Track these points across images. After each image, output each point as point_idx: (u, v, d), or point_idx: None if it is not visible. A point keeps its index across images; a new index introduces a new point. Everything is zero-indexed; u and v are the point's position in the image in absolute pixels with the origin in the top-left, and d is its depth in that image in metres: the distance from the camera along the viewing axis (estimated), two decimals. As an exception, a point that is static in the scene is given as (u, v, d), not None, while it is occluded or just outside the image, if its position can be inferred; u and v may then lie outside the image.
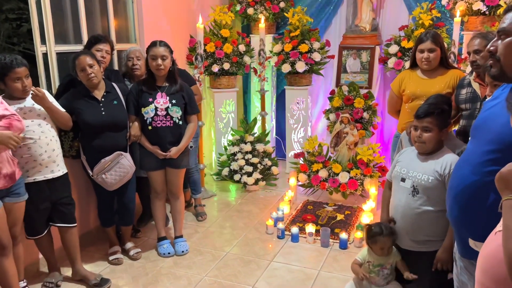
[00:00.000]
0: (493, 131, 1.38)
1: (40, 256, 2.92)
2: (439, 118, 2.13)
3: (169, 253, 3.16)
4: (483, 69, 2.27)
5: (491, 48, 1.35)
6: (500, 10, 3.68)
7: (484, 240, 1.17)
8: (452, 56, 3.60)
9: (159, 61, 2.89)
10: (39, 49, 3.06)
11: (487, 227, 1.19)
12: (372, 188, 3.81)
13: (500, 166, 1.14)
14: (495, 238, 1.08)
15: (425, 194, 2.12)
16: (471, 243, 1.45)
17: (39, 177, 2.54)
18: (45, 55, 3.10)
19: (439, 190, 2.08)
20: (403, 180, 2.20)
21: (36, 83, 2.86)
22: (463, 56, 3.79)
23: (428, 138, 2.13)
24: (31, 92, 2.47)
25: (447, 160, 2.09)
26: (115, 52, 3.42)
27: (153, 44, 2.94)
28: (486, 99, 1.65)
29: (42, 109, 2.56)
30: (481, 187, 1.40)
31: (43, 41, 3.08)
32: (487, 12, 3.83)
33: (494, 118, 1.39)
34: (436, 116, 2.12)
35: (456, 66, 3.27)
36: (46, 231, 2.71)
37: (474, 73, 2.49)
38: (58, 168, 2.62)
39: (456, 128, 2.68)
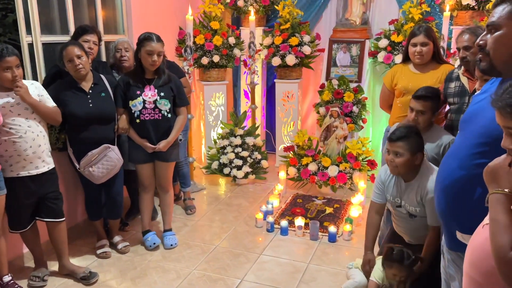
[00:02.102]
0: (481, 124, 1.39)
1: (25, 250, 2.88)
2: (411, 142, 2.13)
3: (154, 243, 3.14)
4: (473, 63, 2.28)
5: (481, 42, 1.35)
6: (489, 5, 3.70)
7: (472, 233, 1.18)
8: (441, 50, 3.60)
9: (155, 57, 2.83)
10: (25, 40, 3.00)
11: (474, 220, 1.19)
12: (361, 182, 3.83)
13: (487, 159, 1.14)
14: (482, 231, 1.09)
15: (420, 215, 2.21)
16: (459, 235, 1.46)
17: (23, 173, 2.49)
18: (30, 46, 3.04)
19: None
20: (398, 206, 2.29)
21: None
22: (452, 51, 3.81)
23: (400, 163, 2.15)
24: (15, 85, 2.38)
25: (425, 187, 2.14)
26: (102, 43, 3.37)
27: (150, 38, 2.84)
28: (476, 93, 1.66)
29: None
30: (468, 180, 1.40)
31: (28, 31, 3.02)
32: (476, 7, 3.85)
33: (483, 112, 1.40)
34: (408, 140, 2.13)
35: (447, 61, 3.28)
36: (30, 226, 2.67)
37: (462, 67, 2.50)
38: (43, 164, 2.57)
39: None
